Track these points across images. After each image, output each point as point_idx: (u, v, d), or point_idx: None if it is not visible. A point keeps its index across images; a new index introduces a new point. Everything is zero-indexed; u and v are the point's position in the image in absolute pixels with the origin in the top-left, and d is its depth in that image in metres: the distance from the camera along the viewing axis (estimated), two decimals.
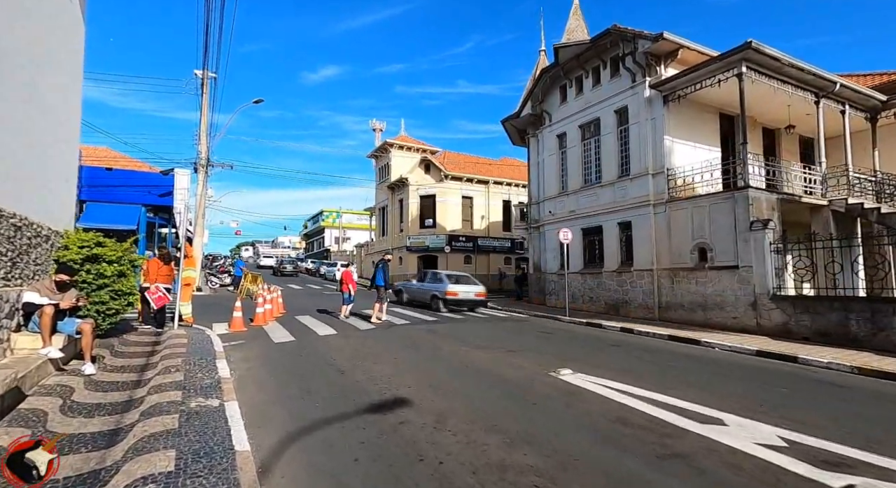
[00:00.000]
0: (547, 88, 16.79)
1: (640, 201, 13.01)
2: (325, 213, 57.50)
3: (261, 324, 10.29)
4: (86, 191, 18.98)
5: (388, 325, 10.52)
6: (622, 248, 13.85)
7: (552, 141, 16.88)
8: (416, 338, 8.88)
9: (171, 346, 7.04)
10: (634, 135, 13.32)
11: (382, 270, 11.31)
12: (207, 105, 19.48)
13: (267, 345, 8.06)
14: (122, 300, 6.92)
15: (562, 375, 5.87)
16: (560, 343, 8.87)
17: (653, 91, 12.71)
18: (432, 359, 7.01)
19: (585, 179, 15.43)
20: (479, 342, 8.62)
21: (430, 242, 28.48)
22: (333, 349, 7.72)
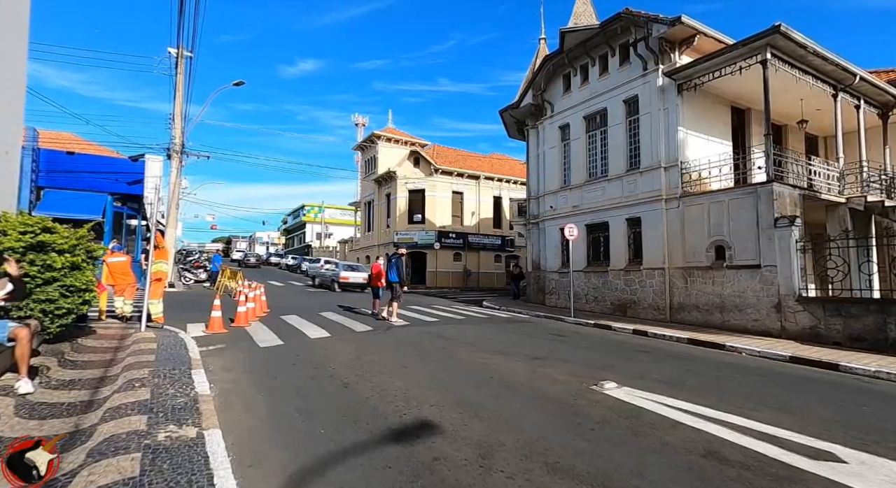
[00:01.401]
0: (549, 77, 16.00)
1: (650, 196, 12.35)
2: (307, 208, 55.65)
3: (242, 324, 9.16)
4: (44, 177, 17.27)
5: (386, 328, 9.52)
6: (630, 246, 13.18)
7: (554, 132, 16.12)
8: (421, 343, 7.93)
9: (136, 353, 5.90)
10: (645, 127, 12.64)
11: (396, 265, 10.28)
12: (182, 85, 17.98)
13: (252, 351, 6.98)
14: (75, 297, 5.73)
15: (606, 389, 5.02)
16: (580, 348, 8.06)
17: (666, 79, 12.04)
18: (448, 367, 6.08)
19: (590, 173, 14.71)
20: (492, 347, 7.73)
21: (419, 238, 27.48)
22: (330, 355, 6.70)
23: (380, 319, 10.65)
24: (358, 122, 54.98)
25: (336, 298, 16.67)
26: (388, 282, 10.34)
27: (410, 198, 28.51)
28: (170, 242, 18.88)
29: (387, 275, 10.41)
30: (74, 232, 6.02)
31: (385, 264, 10.63)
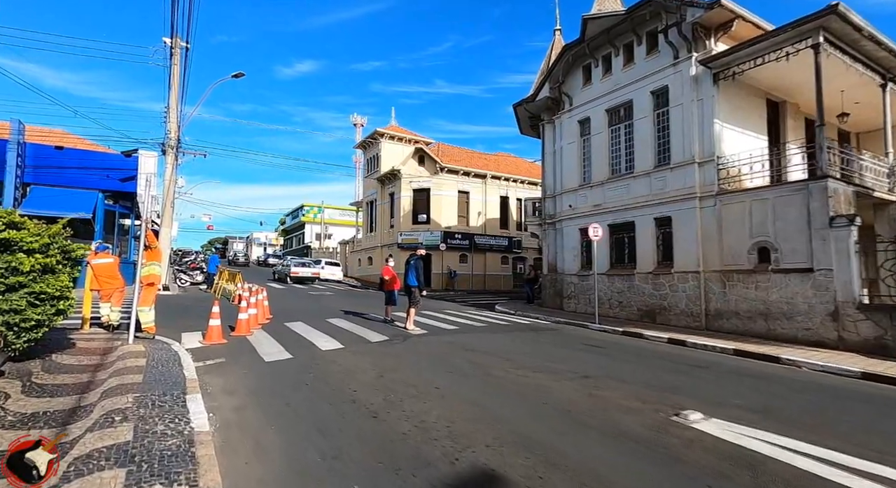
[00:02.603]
0: (568, 68, 15.15)
1: (683, 194, 11.48)
2: (307, 208, 54.58)
3: (244, 333, 8.23)
4: (31, 173, 16.26)
5: (403, 337, 8.60)
6: (659, 247, 12.32)
7: (572, 127, 15.25)
8: (447, 356, 7.01)
9: (121, 372, 4.97)
10: (676, 119, 11.79)
11: (415, 268, 9.35)
12: (178, 76, 17.01)
13: (256, 366, 6.05)
14: (46, 306, 4.80)
15: (693, 422, 4.13)
16: (627, 363, 7.17)
17: (701, 68, 11.20)
18: (489, 389, 5.17)
19: (613, 170, 13.85)
20: (529, 361, 6.83)
21: (424, 239, 26.53)
22: (347, 372, 5.78)
23: (393, 326, 9.75)
24: (356, 122, 54.07)
25: (341, 302, 15.74)
26: (406, 285, 9.42)
27: (415, 197, 27.59)
28: (164, 242, 17.89)
29: (405, 277, 9.49)
30: (47, 227, 5.09)
31: (406, 265, 9.69)
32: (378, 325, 9.85)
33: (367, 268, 31.59)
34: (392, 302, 10.39)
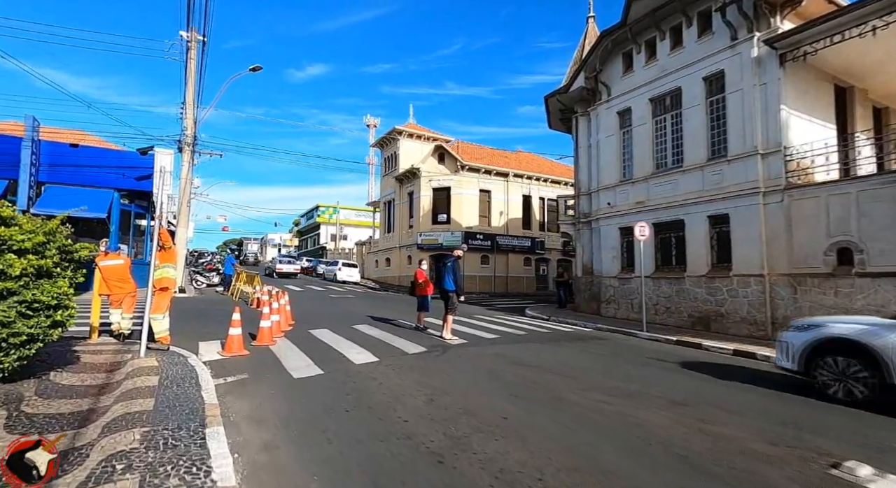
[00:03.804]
0: (606, 56, 14.12)
1: (743, 188, 10.38)
2: (322, 209, 54.16)
3: (267, 343, 7.41)
4: (45, 171, 15.79)
5: (443, 348, 7.70)
6: (713, 247, 11.22)
7: (611, 119, 14.21)
8: (499, 372, 6.09)
9: (128, 396, 4.17)
10: (734, 106, 10.69)
11: (453, 270, 8.45)
12: (195, 71, 16.43)
13: (285, 386, 5.21)
14: (40, 317, 4.02)
15: (867, 481, 3.14)
16: (718, 384, 6.16)
17: (765, 49, 10.10)
18: (570, 421, 4.21)
19: (658, 164, 12.78)
20: (595, 380, 5.87)
21: (444, 240, 25.66)
22: (391, 394, 4.90)
23: (427, 334, 8.86)
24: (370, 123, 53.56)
25: (364, 306, 14.94)
26: (443, 290, 8.52)
27: (435, 196, 26.72)
28: (180, 243, 17.32)
29: (440, 281, 8.60)
30: (43, 223, 4.32)
31: (440, 267, 8.79)
32: (411, 334, 8.97)
33: (385, 270, 30.83)
34: (425, 308, 9.51)
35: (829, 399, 5.23)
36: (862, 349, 5.04)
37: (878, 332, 5.04)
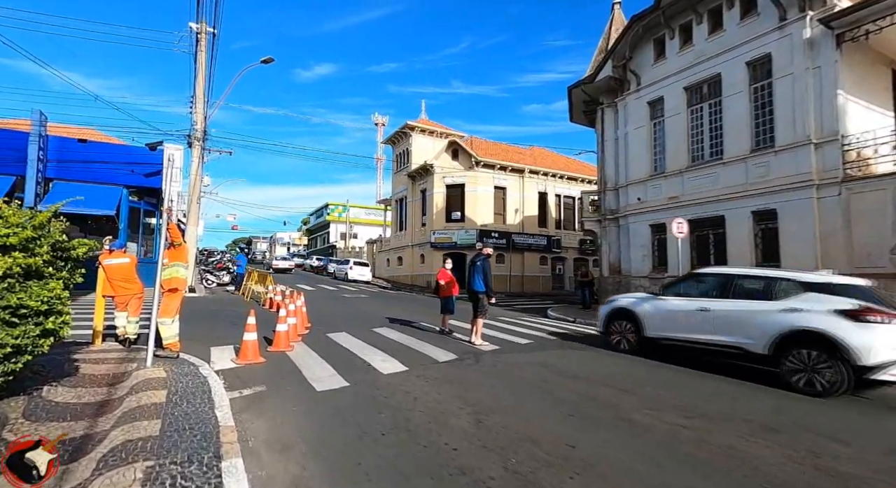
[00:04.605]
0: (636, 43, 13.35)
1: (793, 181, 9.59)
2: (331, 207, 53.73)
3: (283, 348, 6.81)
4: (53, 168, 15.36)
5: (475, 355, 7.04)
6: (757, 245, 10.43)
7: (641, 109, 13.44)
8: (545, 386, 5.40)
9: (131, 416, 3.56)
10: (783, 93, 9.89)
11: (483, 269, 7.78)
12: (205, 64, 15.91)
13: (307, 400, 4.59)
14: (29, 326, 3.43)
15: None
16: (788, 398, 5.44)
17: (819, 29, 9.29)
18: (656, 453, 3.51)
19: (694, 156, 12.00)
20: (660, 396, 5.16)
21: (458, 238, 25.01)
22: (430, 412, 4.25)
23: (453, 338, 8.21)
24: (378, 121, 53.09)
25: (380, 307, 14.34)
26: (472, 291, 7.85)
27: (448, 193, 26.04)
28: (190, 242, 16.85)
29: (469, 282, 7.93)
30: (32, 216, 3.72)
31: (468, 267, 8.12)
32: (436, 338, 8.33)
33: (397, 269, 30.25)
34: (449, 310, 8.87)
35: (613, 348, 7.70)
36: (630, 314, 7.46)
37: (638, 302, 7.53)
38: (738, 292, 6.43)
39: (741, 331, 6.10)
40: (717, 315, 6.34)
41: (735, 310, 6.25)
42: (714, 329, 6.34)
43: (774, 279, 6.26)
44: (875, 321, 5.21)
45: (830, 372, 5.27)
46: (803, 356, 5.52)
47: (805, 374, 5.47)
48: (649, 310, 7.32)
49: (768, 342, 5.80)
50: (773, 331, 5.77)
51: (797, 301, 5.79)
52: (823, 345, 5.37)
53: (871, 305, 5.36)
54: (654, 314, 7.17)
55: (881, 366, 5.13)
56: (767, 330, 5.83)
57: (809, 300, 5.72)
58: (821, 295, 5.72)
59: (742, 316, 6.14)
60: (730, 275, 6.81)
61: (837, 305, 5.47)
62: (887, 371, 5.17)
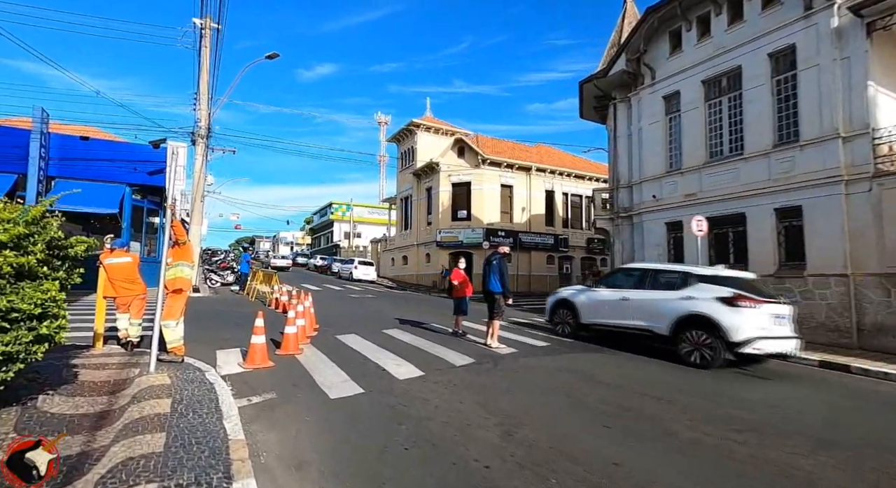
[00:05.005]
0: (651, 35, 12.97)
1: (820, 177, 9.21)
2: (335, 206, 53.51)
3: (292, 351, 6.51)
4: (55, 165, 15.13)
5: (494, 358, 6.72)
6: (781, 244, 10.07)
7: (656, 104, 13.07)
8: (574, 393, 5.08)
9: (132, 429, 3.26)
10: (809, 84, 9.51)
11: (499, 269, 7.44)
12: (209, 59, 15.64)
13: (321, 408, 4.29)
14: (21, 331, 3.13)
15: None
16: (841, 409, 5.10)
17: (847, 17, 8.91)
18: (704, 468, 3.18)
19: (712, 152, 11.63)
20: (696, 405, 4.83)
21: (465, 237, 24.69)
22: (454, 423, 3.93)
23: (467, 340, 7.89)
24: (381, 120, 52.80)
25: (388, 307, 14.05)
26: (488, 292, 7.52)
27: (454, 192, 25.71)
28: (194, 240, 16.59)
29: (485, 282, 7.60)
30: (24, 210, 3.42)
31: (485, 266, 7.77)
32: (450, 340, 8.01)
33: (402, 268, 29.95)
34: (463, 311, 8.55)
35: (556, 333, 8.87)
36: (569, 303, 8.42)
37: (576, 294, 8.69)
38: (651, 284, 7.64)
39: (651, 317, 7.25)
40: (634, 303, 7.46)
41: (647, 299, 7.43)
42: (631, 315, 7.45)
43: (677, 272, 7.56)
44: (744, 306, 6.42)
45: (710, 348, 6.47)
46: (693, 335, 6.69)
47: (695, 350, 6.64)
48: (584, 300, 8.58)
49: (669, 325, 6.96)
50: (672, 315, 6.95)
51: (691, 291, 6.96)
52: (707, 325, 6.55)
53: (742, 293, 6.54)
54: (588, 303, 8.44)
55: (747, 342, 6.32)
56: (669, 315, 6.99)
57: (700, 290, 6.86)
58: (709, 285, 6.87)
59: (652, 304, 7.31)
60: (647, 269, 8.20)
61: (718, 293, 6.63)
62: (751, 345, 6.34)
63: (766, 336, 6.42)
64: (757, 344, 6.34)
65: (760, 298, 6.60)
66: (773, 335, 6.51)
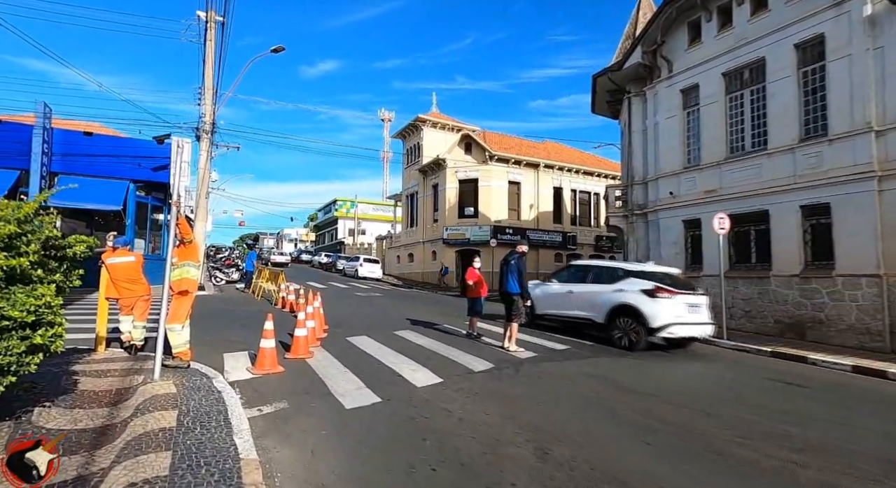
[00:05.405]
0: (668, 26, 12.55)
1: (850, 173, 8.82)
2: (339, 203, 53.23)
3: (302, 355, 6.22)
4: (58, 161, 14.87)
5: (512, 364, 6.40)
6: (807, 242, 9.68)
7: (673, 97, 12.67)
8: (607, 403, 4.75)
9: (135, 448, 2.97)
10: (838, 76, 9.10)
11: (517, 269, 7.11)
12: (213, 54, 15.32)
13: (336, 419, 3.99)
14: (13, 340, 2.84)
15: None
16: None
17: (882, 4, 8.49)
18: None
19: (733, 147, 11.23)
20: (742, 417, 4.49)
21: (472, 234, 24.36)
22: (482, 438, 3.62)
23: (482, 343, 7.59)
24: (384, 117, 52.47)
25: (397, 307, 13.77)
26: (505, 293, 7.19)
27: (461, 188, 25.36)
28: (199, 238, 16.34)
29: (502, 282, 7.27)
30: (16, 207, 3.12)
31: (502, 266, 7.44)
32: (464, 343, 7.70)
33: (408, 266, 29.67)
34: (477, 312, 8.24)
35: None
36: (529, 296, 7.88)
37: (532, 288, 8.92)
38: (592, 279, 8.69)
39: (591, 307, 8.21)
40: (577, 295, 8.32)
41: (588, 291, 8.40)
42: (576, 306, 8.33)
43: (612, 268, 8.69)
44: (662, 296, 7.39)
45: (635, 333, 7.46)
46: (622, 322, 7.68)
47: (624, 335, 7.64)
48: (538, 293, 9.33)
49: (605, 314, 7.94)
50: (607, 306, 7.92)
51: (623, 284, 7.92)
52: (633, 314, 7.53)
53: (661, 285, 7.53)
54: (542, 296, 9.28)
55: (663, 327, 7.27)
56: (604, 305, 7.96)
57: (630, 283, 7.82)
58: (637, 279, 7.84)
59: (591, 296, 8.27)
60: (589, 265, 9.49)
61: (642, 286, 7.60)
62: (667, 330, 7.31)
63: (681, 322, 7.38)
64: (672, 328, 7.30)
65: (676, 290, 7.58)
66: (687, 321, 7.48)
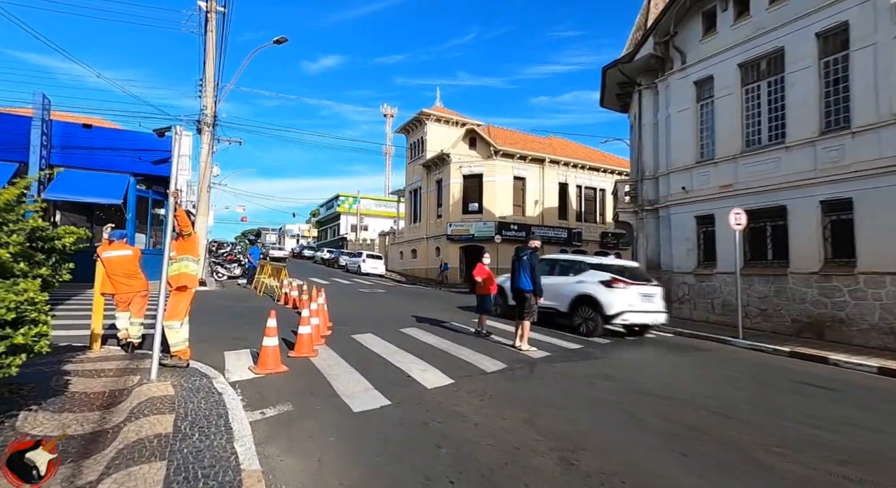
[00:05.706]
0: (681, 16, 12.18)
1: (875, 166, 8.49)
2: (342, 198, 52.93)
3: (306, 353, 5.97)
4: (57, 154, 14.61)
5: (525, 364, 6.14)
6: (827, 239, 9.37)
7: (686, 90, 12.31)
8: (629, 408, 4.48)
9: (127, 459, 2.72)
10: (863, 65, 8.76)
11: (529, 266, 6.85)
12: (214, 45, 15.01)
13: (345, 426, 3.73)
14: None
15: None
16: None
17: None
18: None
19: (749, 140, 10.89)
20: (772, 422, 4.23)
21: (476, 230, 24.07)
22: (499, 445, 3.36)
23: (492, 341, 7.33)
24: (387, 112, 52.15)
25: (401, 304, 13.52)
26: (518, 290, 6.92)
27: (465, 184, 25.04)
28: (200, 232, 16.10)
29: (514, 279, 7.00)
30: None
31: (513, 262, 7.17)
32: (474, 341, 7.44)
33: (411, 262, 29.42)
34: (486, 309, 7.99)
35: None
36: (500, 288, 9.20)
37: (505, 280, 8.87)
38: (558, 271, 9.33)
39: (556, 298, 8.69)
40: (546, 287, 7.99)
41: (554, 283, 8.77)
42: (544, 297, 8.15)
43: (575, 261, 9.47)
44: (617, 287, 8.17)
45: (593, 321, 8.21)
46: (583, 311, 8.42)
47: (583, 323, 8.36)
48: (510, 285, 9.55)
49: (568, 304, 8.67)
50: (569, 296, 8.66)
51: (584, 276, 8.72)
52: (591, 303, 8.26)
53: (617, 277, 8.32)
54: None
55: (618, 315, 8.06)
56: (568, 295, 8.70)
57: (591, 275, 8.61)
58: (597, 271, 8.63)
59: (557, 287, 8.74)
60: (555, 259, 10.07)
61: (600, 277, 8.38)
62: (621, 317, 8.12)
63: (634, 310, 8.15)
64: (625, 315, 8.07)
65: (631, 281, 8.35)
66: (640, 309, 8.25)
